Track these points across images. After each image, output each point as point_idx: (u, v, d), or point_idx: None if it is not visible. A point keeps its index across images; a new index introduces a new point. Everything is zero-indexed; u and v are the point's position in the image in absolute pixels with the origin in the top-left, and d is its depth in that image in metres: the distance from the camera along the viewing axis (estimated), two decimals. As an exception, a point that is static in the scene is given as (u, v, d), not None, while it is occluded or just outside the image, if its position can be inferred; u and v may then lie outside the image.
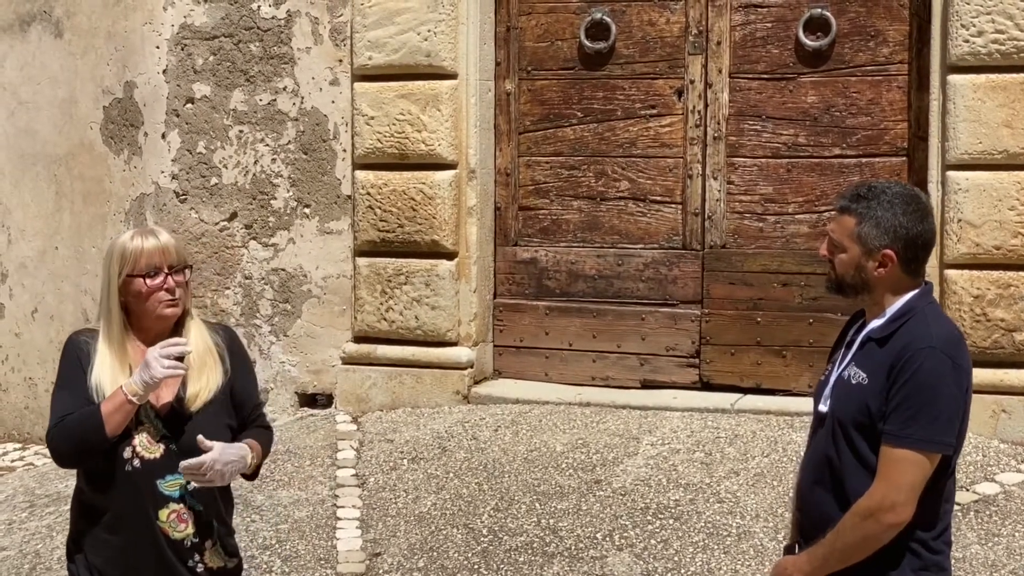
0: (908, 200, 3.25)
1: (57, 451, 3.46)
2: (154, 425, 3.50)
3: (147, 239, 3.54)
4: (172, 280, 3.54)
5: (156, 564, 3.50)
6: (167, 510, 3.50)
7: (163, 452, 3.50)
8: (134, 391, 3.40)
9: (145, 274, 3.51)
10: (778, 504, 5.64)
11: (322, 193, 7.46)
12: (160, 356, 3.39)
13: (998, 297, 6.37)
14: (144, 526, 3.48)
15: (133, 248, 3.52)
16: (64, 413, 3.44)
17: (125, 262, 3.51)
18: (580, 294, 7.29)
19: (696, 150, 7.06)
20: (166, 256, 3.54)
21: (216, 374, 3.60)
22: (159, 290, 3.51)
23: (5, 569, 5.70)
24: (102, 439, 3.40)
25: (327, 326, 7.49)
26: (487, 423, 6.69)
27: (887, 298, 3.26)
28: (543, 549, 5.46)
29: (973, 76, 6.36)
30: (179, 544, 3.52)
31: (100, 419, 3.39)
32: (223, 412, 3.60)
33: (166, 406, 3.53)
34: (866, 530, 3.12)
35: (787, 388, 6.91)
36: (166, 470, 3.50)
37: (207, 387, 3.56)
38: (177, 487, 3.51)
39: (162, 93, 7.74)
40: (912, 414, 3.10)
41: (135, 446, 3.48)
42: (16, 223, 8.33)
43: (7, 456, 8.08)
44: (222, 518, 3.65)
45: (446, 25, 7.09)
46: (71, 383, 3.51)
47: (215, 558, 3.59)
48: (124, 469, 3.46)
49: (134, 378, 3.41)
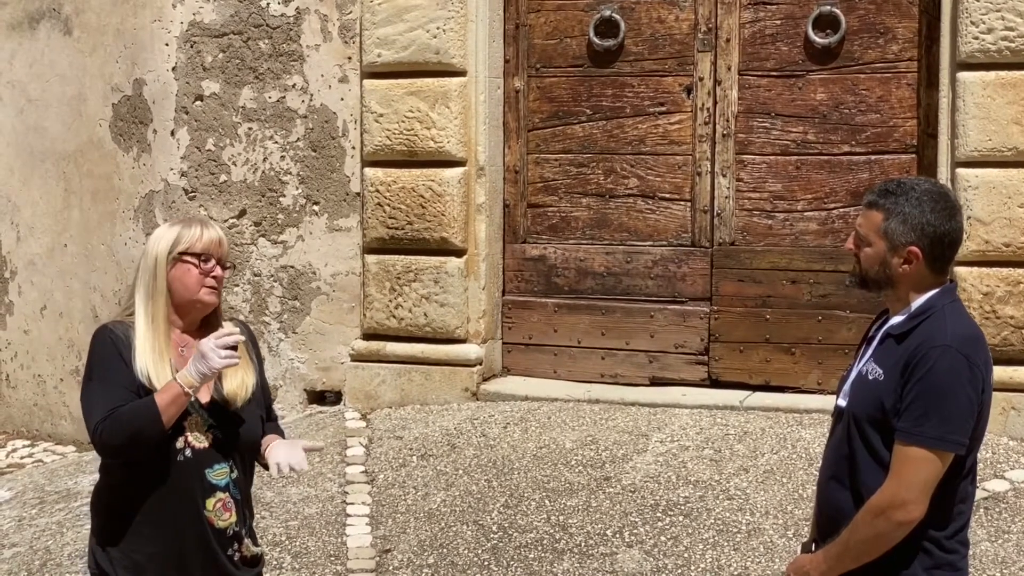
0: (936, 198, 3.24)
1: (107, 443, 3.43)
2: (200, 415, 3.52)
3: (207, 228, 3.58)
4: (219, 271, 3.58)
5: (201, 554, 3.51)
6: (214, 499, 3.52)
7: (211, 442, 3.53)
8: (190, 382, 3.41)
9: (200, 256, 3.54)
10: (787, 501, 5.64)
11: (331, 190, 7.46)
12: (215, 347, 3.41)
13: (1007, 294, 6.36)
14: (192, 515, 3.49)
15: (192, 232, 3.55)
16: (111, 406, 3.41)
17: (180, 241, 3.54)
18: (589, 291, 7.29)
19: (705, 147, 7.06)
20: (221, 247, 3.59)
21: (251, 372, 3.64)
22: (209, 274, 3.54)
23: (16, 565, 5.71)
24: (159, 431, 3.41)
25: (336, 323, 7.50)
26: (496, 420, 6.70)
27: (910, 295, 3.25)
28: (553, 546, 5.47)
29: (983, 73, 6.35)
30: (223, 533, 3.54)
31: (157, 411, 3.39)
32: (256, 404, 3.64)
33: (207, 396, 3.56)
34: (877, 528, 3.12)
35: (796, 385, 6.91)
36: (214, 460, 3.52)
37: (245, 385, 3.58)
38: (224, 476, 3.54)
39: (171, 90, 7.74)
40: (925, 412, 3.09)
41: (187, 436, 3.49)
42: (25, 220, 8.34)
43: (16, 452, 8.10)
44: (251, 505, 3.71)
45: (455, 22, 7.10)
46: (111, 375, 3.48)
47: (250, 546, 3.63)
48: (176, 459, 3.47)
49: (189, 370, 3.41)
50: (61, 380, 8.29)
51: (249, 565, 3.64)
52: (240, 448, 3.59)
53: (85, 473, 6.72)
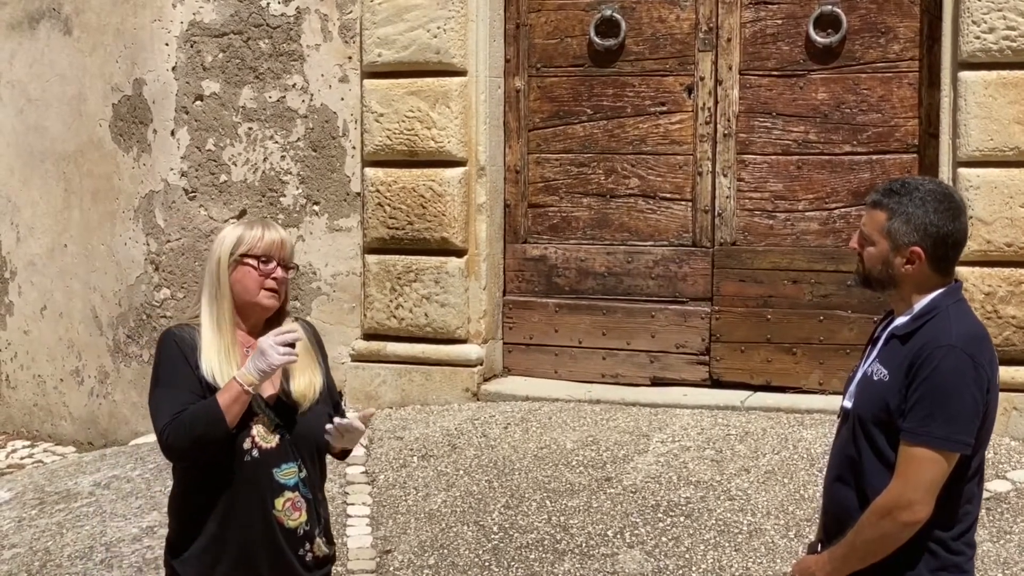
0: (941, 198, 3.23)
1: (173, 447, 3.42)
2: (267, 415, 3.51)
3: (269, 229, 3.57)
4: (281, 272, 3.56)
5: (271, 555, 3.50)
6: (283, 499, 3.50)
7: (279, 441, 3.51)
8: (250, 380, 3.39)
9: (260, 258, 3.53)
10: (789, 501, 5.63)
11: (331, 190, 7.45)
12: (275, 344, 3.39)
13: (1009, 294, 6.35)
14: (261, 516, 3.48)
15: (253, 233, 3.55)
16: (176, 410, 3.40)
17: (241, 243, 3.53)
18: (590, 291, 7.28)
19: (706, 147, 7.05)
20: (282, 249, 3.58)
21: (319, 373, 3.63)
22: (269, 276, 3.53)
23: (16, 566, 5.70)
24: (224, 431, 3.40)
25: (336, 323, 7.49)
26: (497, 420, 6.69)
27: (914, 295, 3.25)
28: (554, 546, 5.46)
29: (984, 73, 6.34)
30: (292, 533, 3.52)
31: (220, 411, 3.38)
32: (323, 402, 3.62)
33: (272, 396, 3.54)
34: (883, 528, 3.11)
35: (797, 385, 6.91)
36: (282, 459, 3.50)
37: (312, 386, 3.57)
38: (293, 475, 3.51)
39: (171, 90, 7.74)
40: (930, 412, 3.08)
41: (254, 436, 3.48)
42: (25, 220, 8.33)
43: (16, 453, 8.08)
44: (325, 505, 3.67)
45: (456, 22, 7.09)
46: (176, 378, 3.47)
47: (322, 546, 3.60)
48: (243, 459, 3.45)
49: (248, 367, 3.40)
50: (61, 380, 8.28)
51: (321, 565, 3.61)
52: (309, 447, 3.56)
53: (85, 474, 6.71)
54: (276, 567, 3.52)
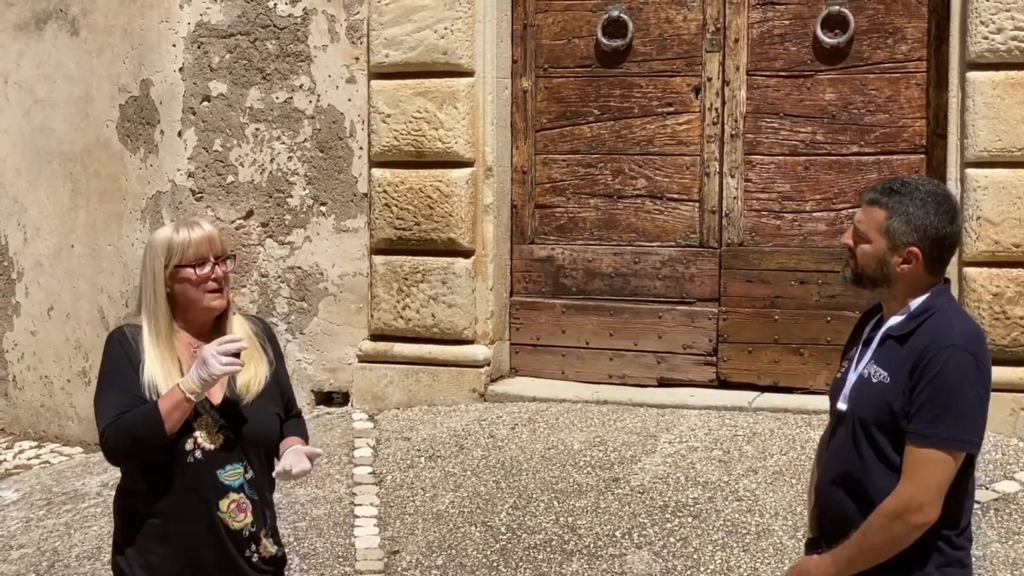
0: (940, 200, 3.23)
1: (113, 449, 3.44)
2: (212, 416, 3.51)
3: (193, 230, 3.54)
4: (219, 270, 3.55)
5: (216, 556, 3.50)
6: (227, 500, 3.51)
7: (223, 442, 3.51)
8: (192, 389, 3.40)
9: (194, 264, 3.51)
10: (797, 502, 5.62)
11: (338, 191, 7.45)
12: (217, 353, 3.39)
13: (1017, 295, 6.34)
14: (205, 518, 3.48)
15: (181, 239, 3.52)
16: (118, 411, 3.41)
17: (173, 253, 3.51)
18: (597, 292, 7.28)
19: (713, 148, 7.05)
20: (212, 246, 3.56)
21: (263, 365, 3.63)
22: (208, 279, 3.52)
23: (24, 566, 5.70)
24: (162, 437, 3.40)
25: (343, 324, 7.49)
26: (504, 421, 6.69)
27: (906, 294, 3.25)
28: (562, 547, 5.46)
29: (992, 73, 6.33)
30: (238, 534, 3.53)
31: (159, 417, 3.39)
32: (271, 402, 3.62)
33: (218, 396, 3.54)
34: (893, 531, 3.10)
35: (805, 386, 6.90)
36: (226, 460, 3.51)
37: (256, 378, 3.58)
38: (238, 476, 3.52)
39: (178, 91, 7.74)
40: (937, 413, 3.08)
41: (196, 438, 3.48)
42: (32, 221, 8.34)
43: (24, 454, 8.09)
44: (271, 505, 3.68)
45: (463, 23, 7.08)
46: (119, 379, 3.48)
47: (268, 547, 3.60)
48: (186, 461, 3.46)
49: (191, 376, 3.40)
50: (68, 381, 8.28)
51: (270, 565, 3.61)
52: (255, 447, 3.57)
53: (92, 474, 6.72)
54: (223, 569, 3.52)
